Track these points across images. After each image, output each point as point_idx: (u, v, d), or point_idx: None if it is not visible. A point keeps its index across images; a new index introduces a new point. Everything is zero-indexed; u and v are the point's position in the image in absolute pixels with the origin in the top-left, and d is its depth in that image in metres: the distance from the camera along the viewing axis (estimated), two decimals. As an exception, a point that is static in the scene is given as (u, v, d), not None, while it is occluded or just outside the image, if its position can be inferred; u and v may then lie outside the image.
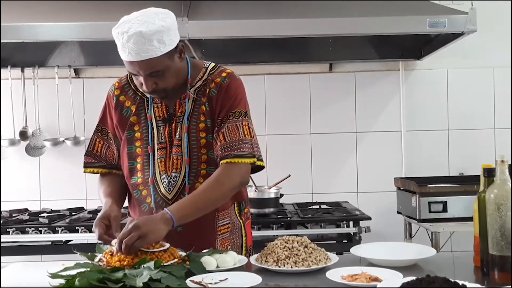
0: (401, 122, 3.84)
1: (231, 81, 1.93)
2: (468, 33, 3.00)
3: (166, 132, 1.92)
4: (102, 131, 2.02)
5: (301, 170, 3.78)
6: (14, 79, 3.70)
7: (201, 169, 1.90)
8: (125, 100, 1.97)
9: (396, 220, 3.61)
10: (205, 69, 1.97)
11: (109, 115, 2.01)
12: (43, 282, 1.56)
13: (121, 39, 1.74)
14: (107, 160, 2.02)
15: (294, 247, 1.72)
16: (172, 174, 1.89)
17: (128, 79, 2.00)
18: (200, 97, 1.92)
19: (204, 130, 1.91)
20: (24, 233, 3.05)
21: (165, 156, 1.91)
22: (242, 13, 3.06)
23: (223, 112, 1.90)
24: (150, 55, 1.74)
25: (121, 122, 1.97)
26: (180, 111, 1.92)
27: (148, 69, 1.77)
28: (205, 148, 1.91)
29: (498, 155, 1.51)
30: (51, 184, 3.80)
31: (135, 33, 1.71)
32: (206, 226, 1.92)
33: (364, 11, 3.07)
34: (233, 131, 1.88)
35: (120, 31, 1.74)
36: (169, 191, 1.90)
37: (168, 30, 1.76)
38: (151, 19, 1.74)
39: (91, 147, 2.03)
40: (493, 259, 1.50)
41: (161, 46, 1.75)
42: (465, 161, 3.78)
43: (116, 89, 2.00)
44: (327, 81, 3.87)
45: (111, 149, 2.01)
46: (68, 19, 3.03)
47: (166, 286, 1.46)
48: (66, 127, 3.74)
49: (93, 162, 2.03)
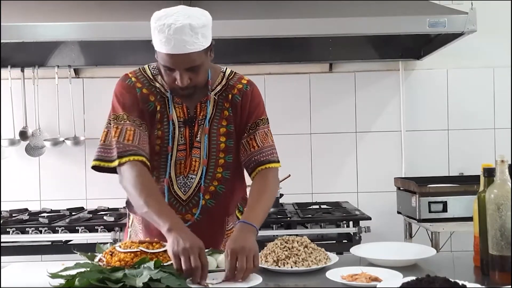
0: (401, 122, 3.84)
1: (253, 88, 1.98)
2: (468, 33, 3.00)
3: (187, 134, 1.90)
4: (129, 118, 1.84)
5: (301, 170, 3.78)
6: (14, 79, 3.69)
7: (217, 173, 1.92)
8: (149, 94, 1.90)
9: (396, 220, 3.61)
10: (223, 74, 1.98)
11: (134, 103, 1.87)
12: (43, 282, 1.56)
13: (166, 31, 1.70)
14: (142, 148, 1.83)
15: (294, 247, 1.72)
16: (189, 175, 1.90)
17: (146, 75, 1.92)
18: (223, 102, 1.93)
19: (225, 134, 1.93)
20: (24, 233, 3.05)
21: (185, 157, 1.90)
22: (242, 13, 3.06)
23: (251, 119, 1.94)
24: (195, 49, 1.73)
25: (149, 116, 1.88)
26: (202, 114, 1.91)
27: (189, 63, 1.76)
28: (223, 152, 1.92)
29: (498, 155, 1.51)
30: (51, 184, 3.79)
31: (184, 25, 1.69)
32: (216, 232, 1.96)
33: (364, 11, 3.07)
34: (264, 138, 1.94)
35: (167, 23, 1.70)
36: (184, 192, 1.90)
37: (210, 25, 1.78)
38: (195, 14, 1.74)
39: (121, 138, 1.82)
40: (493, 259, 1.50)
41: (204, 40, 1.75)
42: (465, 161, 3.78)
43: (136, 82, 1.90)
44: (327, 81, 3.87)
45: (144, 137, 1.85)
46: (68, 19, 3.03)
47: (166, 286, 1.46)
48: (66, 127, 3.73)
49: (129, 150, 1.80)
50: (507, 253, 1.47)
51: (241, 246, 1.59)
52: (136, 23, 2.90)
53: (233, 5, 3.12)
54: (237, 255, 1.57)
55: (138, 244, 1.66)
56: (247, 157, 1.93)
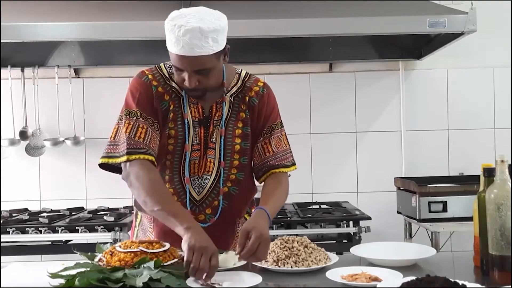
0: (401, 122, 3.84)
1: (269, 92, 2.01)
2: (468, 33, 3.00)
3: (202, 134, 1.90)
4: (143, 116, 1.83)
5: (301, 170, 3.73)
6: (14, 79, 3.69)
7: (231, 174, 1.93)
8: (164, 93, 1.89)
9: (396, 220, 3.61)
10: (238, 75, 1.99)
11: (149, 101, 1.86)
12: (43, 282, 1.56)
13: (176, 32, 1.70)
14: (151, 148, 1.82)
15: (294, 247, 1.72)
16: (203, 176, 1.90)
17: (161, 73, 1.91)
18: (239, 104, 1.93)
19: (240, 136, 1.93)
20: (24, 233, 3.05)
21: (199, 158, 1.90)
22: (242, 13, 3.06)
23: (267, 124, 1.96)
24: (203, 52, 1.73)
25: (162, 115, 1.88)
26: (218, 115, 1.91)
27: (197, 66, 1.76)
28: (238, 154, 1.93)
29: (498, 155, 1.51)
30: (51, 184, 3.79)
31: (194, 28, 1.69)
32: (228, 233, 1.97)
33: (364, 11, 3.07)
34: (278, 143, 1.97)
35: (177, 24, 1.71)
36: (198, 192, 1.90)
37: (223, 30, 1.78)
38: (208, 17, 1.74)
39: (132, 134, 1.80)
40: (493, 259, 1.50)
41: (214, 45, 1.75)
42: (465, 161, 3.78)
43: (152, 80, 1.89)
44: (327, 81, 3.87)
45: (154, 137, 1.84)
46: (68, 19, 3.03)
47: (166, 286, 1.46)
48: (66, 127, 3.73)
49: (139, 148, 1.80)
50: (507, 253, 1.47)
51: (263, 233, 1.67)
52: (136, 23, 2.90)
53: (233, 5, 3.11)
54: (260, 241, 1.65)
55: (138, 244, 1.66)
56: (261, 161, 1.95)
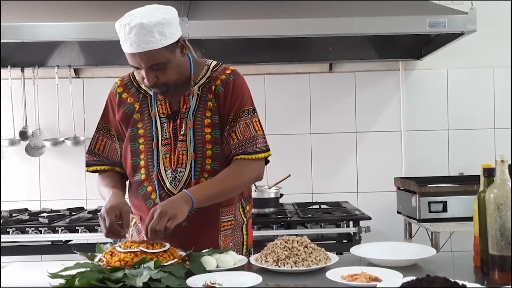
0: (401, 122, 3.84)
1: (236, 78, 1.98)
2: (468, 33, 3.00)
3: (170, 128, 1.93)
4: (104, 128, 2.04)
5: (301, 170, 3.78)
6: (14, 79, 3.69)
7: (206, 164, 1.93)
8: (128, 97, 1.99)
9: (396, 220, 3.61)
10: (208, 67, 2.00)
11: (112, 112, 2.02)
12: (43, 282, 1.56)
13: (123, 31, 1.77)
14: (109, 158, 2.04)
15: (294, 247, 1.72)
16: (177, 169, 1.92)
17: (131, 77, 2.03)
18: (206, 94, 1.95)
19: (210, 125, 1.94)
20: (24, 233, 3.05)
21: (170, 151, 1.92)
22: (242, 13, 3.06)
23: (233, 111, 1.94)
24: (150, 47, 1.77)
25: (124, 119, 1.98)
26: (185, 108, 1.94)
27: (149, 62, 1.79)
28: (210, 143, 1.93)
29: (498, 155, 1.51)
30: (51, 184, 3.80)
31: (137, 24, 1.74)
32: (210, 222, 1.95)
33: (364, 11, 3.07)
34: (245, 130, 1.94)
35: (123, 24, 1.77)
36: (174, 186, 1.92)
37: (170, 23, 1.79)
38: (153, 12, 1.78)
39: (92, 146, 2.05)
40: (493, 259, 1.50)
41: (162, 38, 1.77)
42: (465, 161, 3.78)
43: (118, 87, 2.02)
44: (327, 81, 3.87)
45: (114, 147, 2.03)
46: (68, 19, 3.03)
47: (166, 286, 1.46)
48: (66, 127, 3.74)
49: (95, 160, 2.05)
50: (507, 253, 1.47)
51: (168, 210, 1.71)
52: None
53: (233, 5, 3.12)
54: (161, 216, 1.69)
55: (138, 244, 1.66)
56: (228, 150, 1.94)
